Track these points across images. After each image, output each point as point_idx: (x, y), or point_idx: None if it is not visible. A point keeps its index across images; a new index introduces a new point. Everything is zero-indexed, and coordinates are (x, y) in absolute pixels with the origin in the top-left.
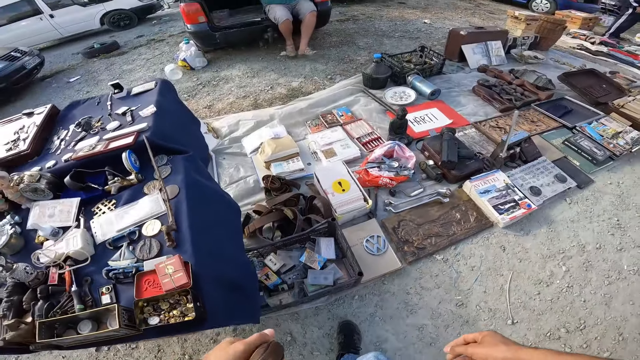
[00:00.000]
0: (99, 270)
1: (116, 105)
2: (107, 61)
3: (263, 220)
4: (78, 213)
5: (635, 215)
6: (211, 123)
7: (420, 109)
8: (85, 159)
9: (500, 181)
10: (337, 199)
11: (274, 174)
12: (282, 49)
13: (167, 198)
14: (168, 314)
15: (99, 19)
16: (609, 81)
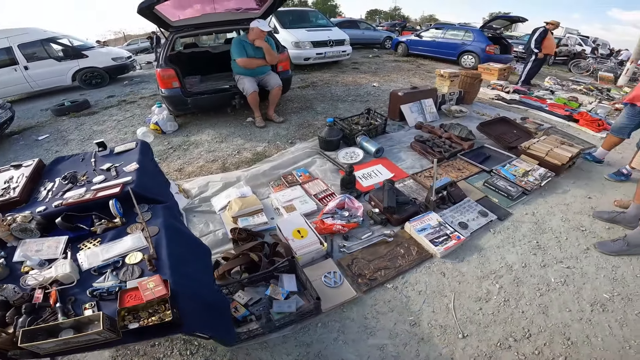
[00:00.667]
0: (84, 291)
1: (100, 162)
2: (77, 120)
3: (231, 264)
4: (65, 248)
5: (552, 237)
6: (182, 184)
7: (368, 166)
8: (75, 205)
9: (434, 220)
10: (297, 244)
11: (241, 227)
12: (248, 115)
13: (148, 235)
14: (147, 320)
15: (71, 76)
16: (518, 127)
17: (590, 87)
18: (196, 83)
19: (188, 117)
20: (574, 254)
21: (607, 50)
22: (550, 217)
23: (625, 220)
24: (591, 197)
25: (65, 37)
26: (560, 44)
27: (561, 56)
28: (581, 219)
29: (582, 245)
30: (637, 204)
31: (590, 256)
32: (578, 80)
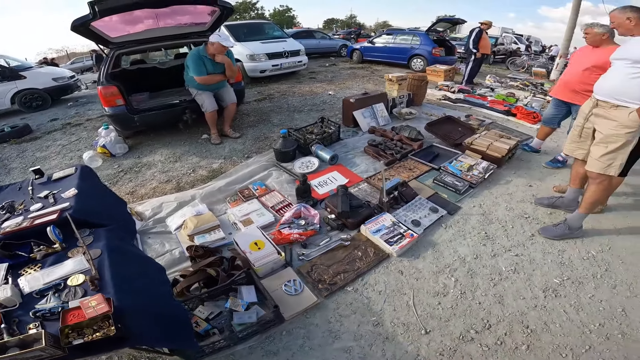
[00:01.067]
0: (27, 313)
1: (38, 189)
2: (18, 147)
3: (188, 281)
4: (6, 274)
5: (499, 226)
6: (134, 208)
7: (323, 174)
8: (12, 234)
9: (388, 221)
10: (254, 255)
11: (198, 244)
12: (203, 132)
13: (90, 257)
14: (92, 336)
15: (9, 98)
16: (463, 124)
17: (526, 82)
18: (144, 100)
19: (140, 138)
20: (520, 241)
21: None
22: (495, 207)
23: (564, 204)
24: (532, 185)
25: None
26: (498, 44)
27: (500, 55)
28: (524, 206)
29: (528, 232)
30: (573, 188)
31: (536, 242)
32: (515, 77)
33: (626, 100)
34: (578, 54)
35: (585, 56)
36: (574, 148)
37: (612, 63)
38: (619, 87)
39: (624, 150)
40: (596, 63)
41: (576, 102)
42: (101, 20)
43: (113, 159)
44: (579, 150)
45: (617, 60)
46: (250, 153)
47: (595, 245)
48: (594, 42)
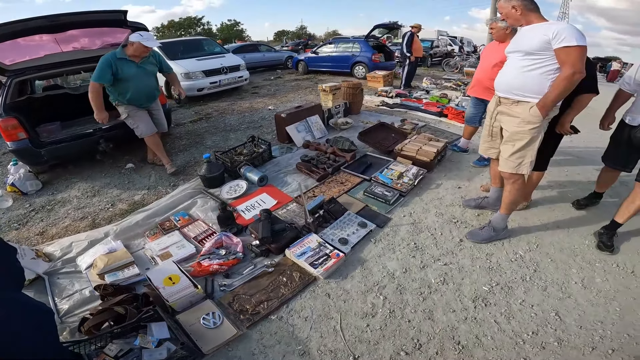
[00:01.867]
0: None
1: None
2: None
3: (95, 319)
4: None
5: (429, 234)
6: (42, 249)
7: (252, 197)
8: None
9: (314, 242)
10: (167, 291)
11: (108, 283)
12: (128, 161)
13: None
14: None
15: None
16: (395, 130)
17: (458, 82)
18: (55, 130)
19: (57, 172)
20: (449, 249)
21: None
22: (425, 214)
23: (490, 204)
24: (461, 186)
25: None
26: (434, 46)
27: (437, 57)
28: (453, 210)
29: (456, 238)
30: (495, 187)
31: (465, 248)
32: (449, 77)
33: (525, 94)
34: (486, 50)
35: (493, 52)
36: (487, 148)
37: (507, 57)
38: (516, 81)
39: (531, 147)
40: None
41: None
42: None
43: (25, 198)
44: (491, 150)
45: (511, 53)
46: (177, 181)
47: (522, 245)
48: (500, 37)
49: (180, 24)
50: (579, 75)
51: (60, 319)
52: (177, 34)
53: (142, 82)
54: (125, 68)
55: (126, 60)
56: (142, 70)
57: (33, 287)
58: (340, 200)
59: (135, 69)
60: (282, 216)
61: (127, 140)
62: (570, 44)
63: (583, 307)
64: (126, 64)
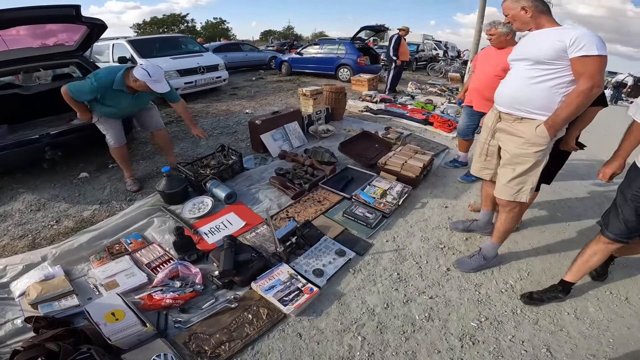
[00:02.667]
0: None
1: None
2: None
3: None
4: None
5: (413, 263)
6: None
7: (217, 217)
8: None
9: (285, 273)
10: (110, 328)
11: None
12: (82, 169)
13: None
14: None
15: None
16: (379, 140)
17: (443, 88)
18: (1, 135)
19: (3, 180)
20: (435, 280)
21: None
22: (410, 239)
23: (479, 227)
24: (447, 205)
25: None
26: (419, 50)
27: (422, 61)
28: (440, 234)
29: (443, 267)
30: (485, 210)
31: (452, 277)
32: (434, 82)
33: (531, 110)
34: (483, 57)
35: (491, 59)
36: (480, 168)
37: (510, 65)
38: (521, 94)
39: (533, 173)
40: (505, 66)
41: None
42: None
43: None
44: (485, 171)
45: (516, 61)
46: (135, 195)
47: (513, 273)
48: (499, 43)
49: (163, 21)
50: (597, 89)
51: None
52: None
53: (130, 110)
54: (116, 99)
55: (122, 92)
56: (136, 102)
57: None
58: (317, 223)
59: (128, 101)
60: (250, 241)
61: (79, 147)
62: (591, 52)
63: (575, 340)
64: (120, 96)
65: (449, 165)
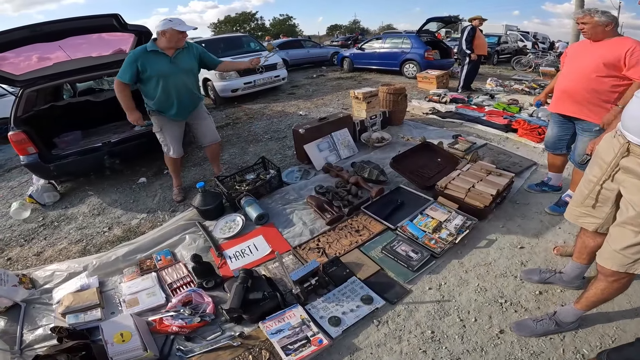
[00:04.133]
0: None
1: None
2: None
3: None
4: None
5: (456, 320)
6: (30, 274)
7: (245, 240)
8: None
9: (297, 317)
10: (115, 349)
11: (67, 325)
12: (143, 174)
13: None
14: None
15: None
16: (443, 153)
17: (533, 84)
18: (73, 141)
19: (79, 182)
20: (480, 343)
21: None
22: (461, 288)
23: (563, 282)
24: (524, 246)
25: None
26: (501, 42)
27: (504, 54)
28: (503, 284)
29: (495, 328)
30: (577, 263)
31: (503, 342)
32: (520, 78)
33: None
34: (575, 52)
35: (588, 54)
36: (581, 214)
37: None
38: None
39: None
40: (607, 60)
41: (584, 118)
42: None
43: (42, 209)
44: (589, 219)
45: None
46: (179, 205)
47: (593, 339)
48: (595, 34)
49: (235, 20)
50: None
51: (21, 350)
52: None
53: (175, 82)
54: (155, 63)
55: (157, 53)
56: (177, 66)
57: (8, 314)
58: (349, 258)
59: (167, 64)
60: (271, 272)
61: (136, 155)
62: None
63: None
64: (156, 58)
65: (534, 188)
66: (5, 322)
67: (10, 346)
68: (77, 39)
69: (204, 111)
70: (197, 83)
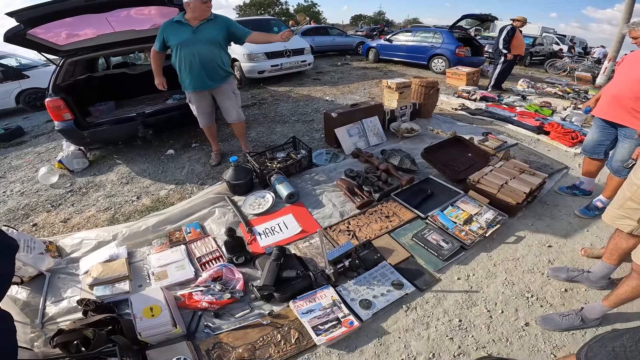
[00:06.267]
0: None
1: None
2: (4, 151)
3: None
4: None
5: (484, 310)
6: (57, 241)
7: (275, 217)
8: None
9: (328, 298)
10: (144, 323)
11: (95, 297)
12: (171, 146)
13: None
14: None
15: (14, 98)
16: (474, 149)
17: (566, 89)
18: (107, 110)
19: (108, 150)
20: (505, 334)
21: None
22: (489, 280)
23: (590, 281)
24: (552, 244)
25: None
26: (536, 44)
27: (538, 56)
28: (530, 280)
29: (521, 321)
30: (606, 263)
31: (528, 335)
32: (554, 81)
33: None
34: (631, 60)
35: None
36: (619, 216)
37: None
38: None
39: None
40: None
41: (628, 124)
42: (41, 28)
43: (71, 175)
44: (626, 221)
45: None
46: (207, 179)
47: None
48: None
49: (260, 3)
50: None
51: (42, 323)
52: (257, 13)
53: (192, 51)
54: (177, 32)
55: (181, 24)
56: (197, 37)
57: (32, 284)
58: (380, 243)
59: (188, 34)
60: (302, 251)
61: (168, 127)
62: None
63: None
64: (179, 28)
65: (565, 191)
66: (28, 294)
67: (32, 319)
68: (123, 11)
69: (231, 90)
70: (223, 57)
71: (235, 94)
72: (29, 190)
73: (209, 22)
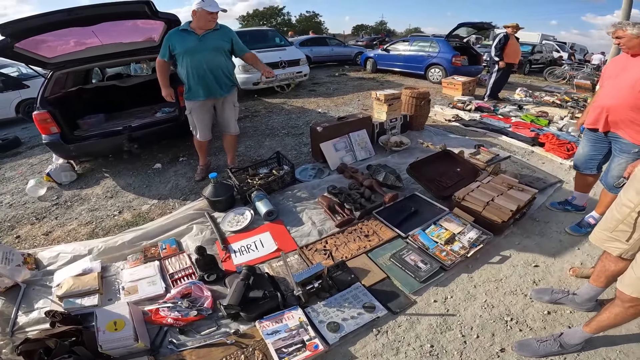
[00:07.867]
0: None
1: None
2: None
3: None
4: None
5: (458, 335)
6: (36, 253)
7: (252, 235)
8: None
9: (295, 319)
10: (106, 336)
11: (63, 309)
12: (159, 160)
13: None
14: None
15: (14, 108)
16: (463, 162)
17: (565, 97)
18: (96, 123)
19: (98, 162)
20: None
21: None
22: (467, 303)
23: (575, 303)
24: (539, 264)
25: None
26: (535, 51)
27: (537, 64)
28: (512, 302)
29: (496, 346)
30: (593, 285)
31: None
32: (552, 90)
33: None
34: (616, 65)
35: (629, 68)
36: (608, 239)
37: None
38: None
39: None
40: None
41: (623, 137)
42: (28, 41)
43: (58, 188)
44: (615, 244)
45: None
46: (190, 194)
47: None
48: (632, 47)
49: (263, 14)
50: None
51: (12, 332)
52: (259, 24)
53: (200, 59)
54: (183, 40)
55: (187, 32)
56: (203, 45)
57: (7, 294)
58: (356, 263)
59: (194, 42)
60: (274, 270)
61: (155, 141)
62: None
63: None
64: (185, 36)
65: (557, 207)
66: (2, 304)
67: (3, 328)
68: (109, 24)
69: (232, 102)
70: (228, 66)
71: (235, 107)
72: (17, 203)
73: (215, 31)
